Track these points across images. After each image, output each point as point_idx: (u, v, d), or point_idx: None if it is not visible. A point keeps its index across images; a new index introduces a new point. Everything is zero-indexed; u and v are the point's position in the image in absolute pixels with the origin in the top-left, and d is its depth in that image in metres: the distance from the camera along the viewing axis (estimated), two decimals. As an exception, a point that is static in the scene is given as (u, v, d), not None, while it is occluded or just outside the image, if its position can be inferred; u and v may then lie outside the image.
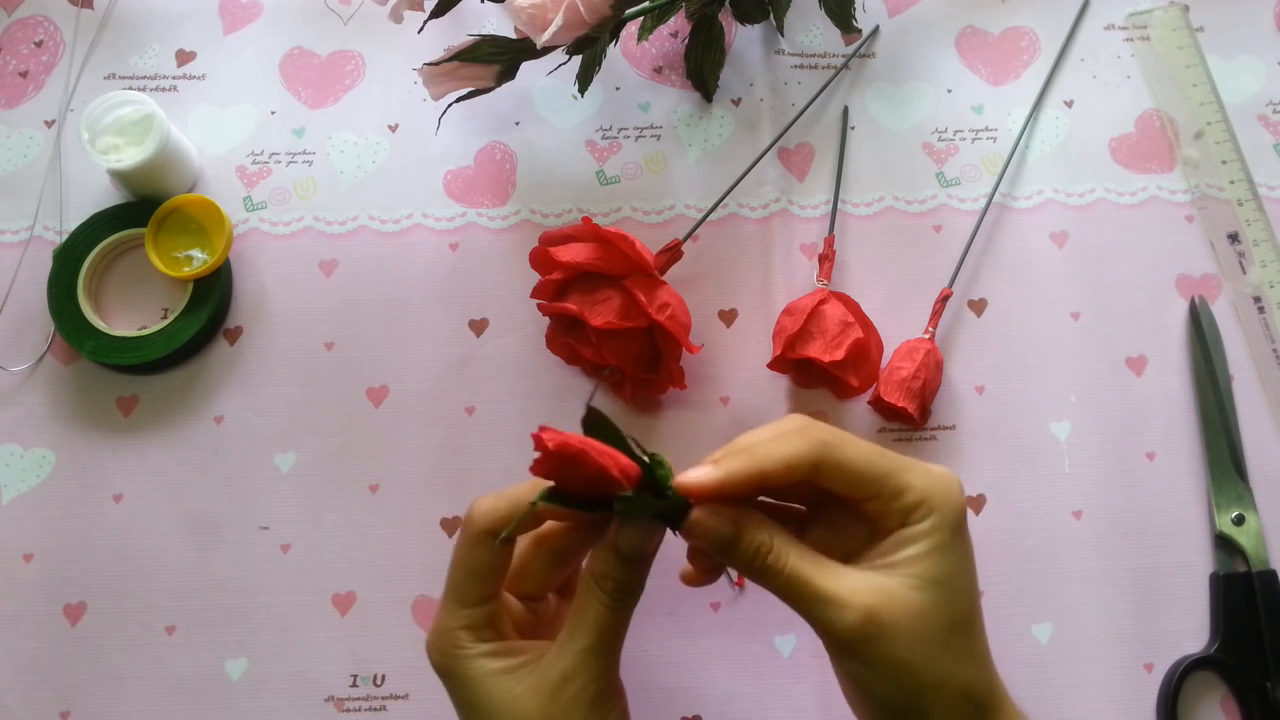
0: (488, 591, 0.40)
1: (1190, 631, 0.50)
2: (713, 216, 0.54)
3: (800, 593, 0.36)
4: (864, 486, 0.37)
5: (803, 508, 0.42)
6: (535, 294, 0.51)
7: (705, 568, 0.41)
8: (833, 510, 0.40)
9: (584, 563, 0.40)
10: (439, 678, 0.40)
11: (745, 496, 0.38)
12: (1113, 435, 0.53)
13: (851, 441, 0.38)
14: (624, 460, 0.36)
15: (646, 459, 0.36)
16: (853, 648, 0.36)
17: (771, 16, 0.56)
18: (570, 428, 0.52)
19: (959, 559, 0.37)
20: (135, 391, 0.53)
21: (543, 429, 0.35)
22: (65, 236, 0.54)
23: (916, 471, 0.38)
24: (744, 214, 0.56)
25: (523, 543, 0.42)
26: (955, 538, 0.37)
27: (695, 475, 0.36)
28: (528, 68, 0.54)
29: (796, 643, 0.50)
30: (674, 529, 0.37)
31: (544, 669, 0.38)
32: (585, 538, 0.41)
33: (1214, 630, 0.50)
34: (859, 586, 0.36)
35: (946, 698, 0.36)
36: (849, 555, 0.39)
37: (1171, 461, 0.52)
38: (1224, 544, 0.51)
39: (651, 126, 0.58)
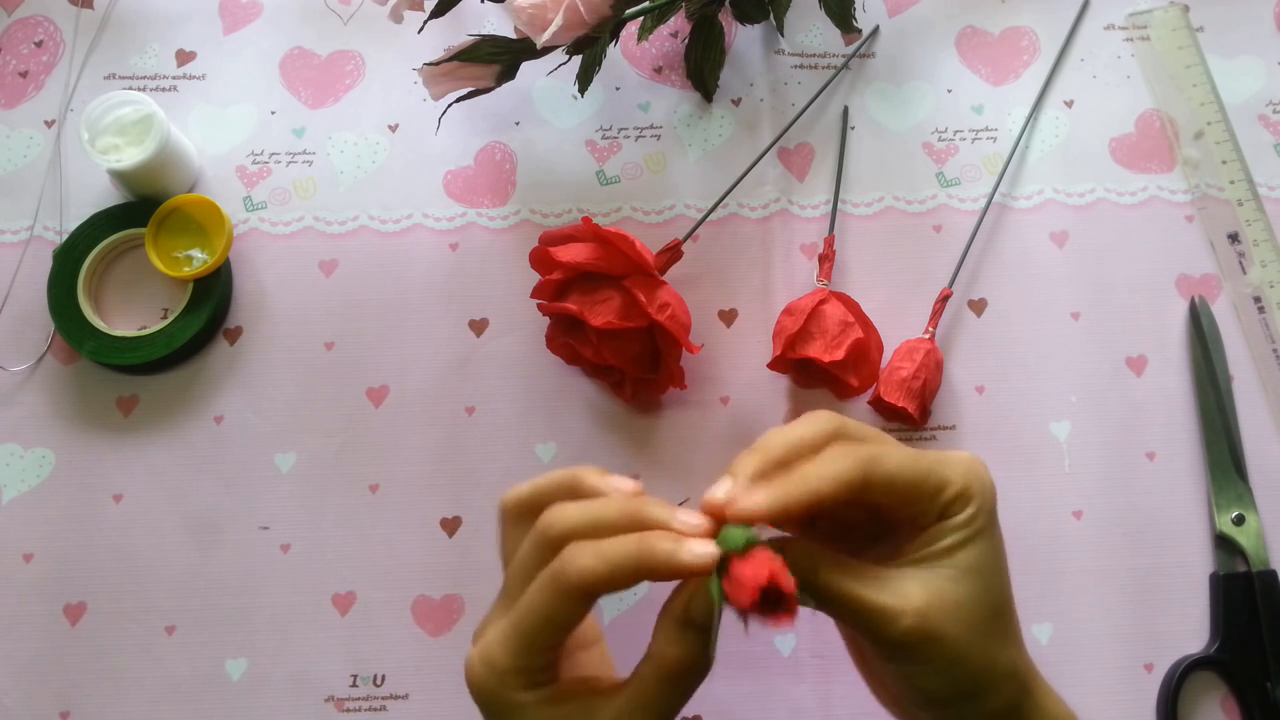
0: (559, 641, 0.37)
1: (1190, 631, 0.50)
2: (713, 216, 0.54)
3: (849, 609, 0.36)
4: (910, 493, 0.36)
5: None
6: (535, 294, 0.51)
7: None
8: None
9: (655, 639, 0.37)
10: (484, 709, 0.38)
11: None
12: (1113, 435, 0.53)
13: (889, 449, 0.37)
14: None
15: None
16: (908, 651, 0.36)
17: (771, 16, 0.56)
18: (569, 426, 0.52)
19: (993, 544, 0.37)
20: (135, 391, 0.53)
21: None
22: (65, 236, 0.54)
23: (950, 464, 0.37)
24: (744, 214, 0.56)
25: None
26: (990, 523, 0.37)
27: (751, 503, 0.35)
28: (528, 68, 0.54)
29: (796, 643, 0.50)
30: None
31: None
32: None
33: (1214, 630, 0.50)
34: (907, 590, 0.35)
35: (996, 680, 0.36)
36: (859, 549, 0.39)
37: (1171, 461, 0.52)
38: (1224, 544, 0.51)
39: (651, 126, 0.58)
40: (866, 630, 0.36)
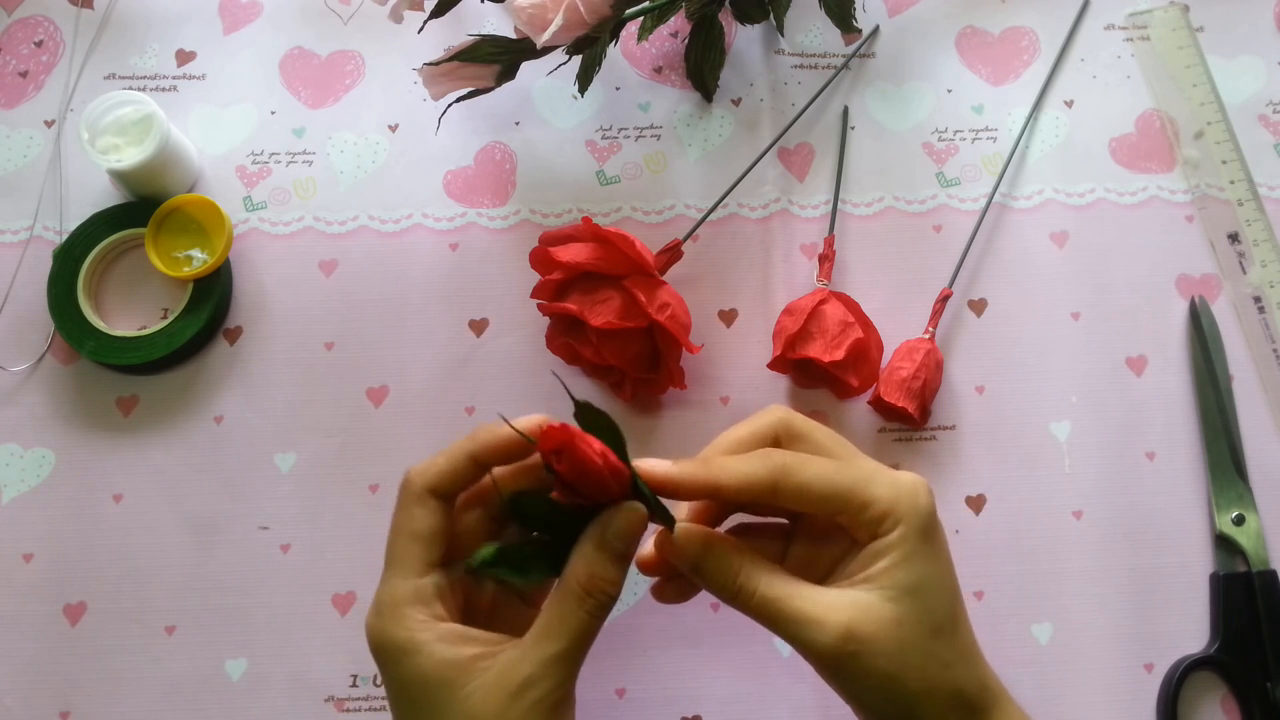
0: (432, 558, 0.38)
1: (1190, 631, 0.50)
2: (713, 216, 0.54)
3: (776, 615, 0.37)
4: (826, 505, 0.37)
5: (784, 520, 0.42)
6: (535, 294, 0.51)
7: (679, 588, 0.42)
8: (813, 522, 0.40)
9: (569, 567, 0.38)
10: (378, 660, 0.37)
11: (703, 500, 0.38)
12: (1113, 435, 0.53)
13: (812, 461, 0.38)
14: (614, 461, 0.36)
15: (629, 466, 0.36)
16: (836, 665, 0.36)
17: (771, 16, 0.56)
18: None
19: (932, 564, 0.38)
20: (135, 391, 0.53)
21: (550, 425, 0.35)
22: (65, 236, 0.54)
23: (881, 482, 0.38)
24: (744, 214, 0.56)
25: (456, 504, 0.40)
26: (925, 543, 0.37)
27: (647, 464, 0.37)
28: (528, 68, 0.54)
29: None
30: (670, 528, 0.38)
31: (505, 669, 0.35)
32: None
33: (1214, 630, 0.50)
34: (834, 604, 0.36)
35: (938, 702, 0.36)
36: (835, 565, 0.39)
37: (1171, 461, 0.52)
38: (1224, 544, 0.51)
39: (651, 126, 0.58)
40: (792, 638, 0.37)
